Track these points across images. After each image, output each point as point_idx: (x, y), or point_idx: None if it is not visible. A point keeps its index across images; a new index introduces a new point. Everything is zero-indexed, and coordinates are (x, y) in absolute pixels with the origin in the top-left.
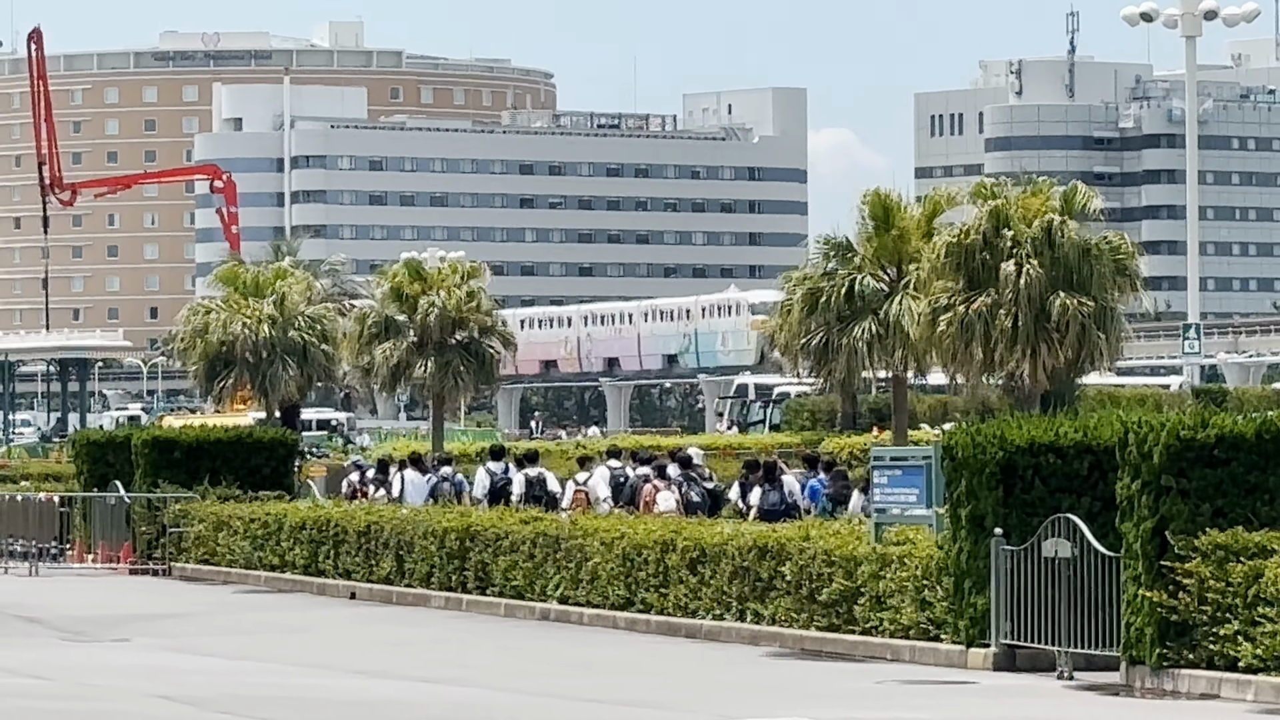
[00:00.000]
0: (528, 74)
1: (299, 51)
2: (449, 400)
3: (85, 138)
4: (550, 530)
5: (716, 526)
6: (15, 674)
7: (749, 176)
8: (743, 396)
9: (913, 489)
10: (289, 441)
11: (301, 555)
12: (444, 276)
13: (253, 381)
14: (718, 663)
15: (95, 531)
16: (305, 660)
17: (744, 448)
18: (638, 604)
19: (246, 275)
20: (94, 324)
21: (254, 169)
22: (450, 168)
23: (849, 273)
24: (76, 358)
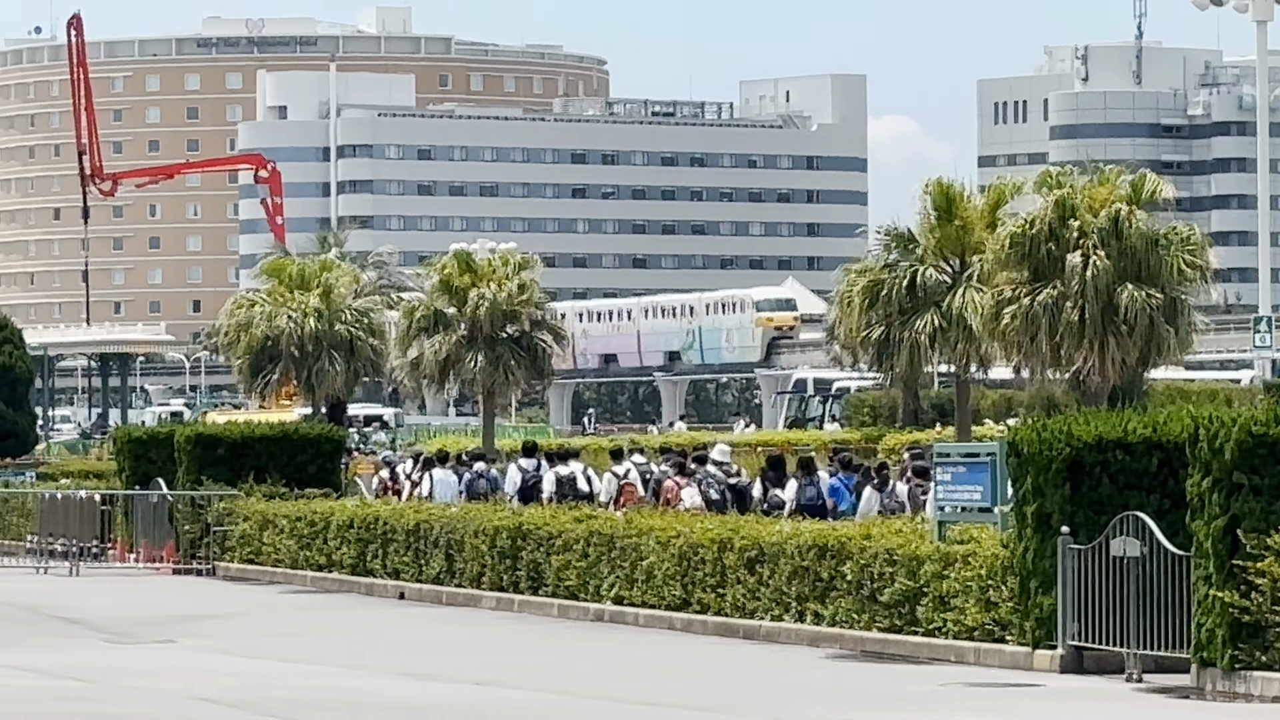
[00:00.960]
0: (580, 60)
1: (345, 38)
2: (499, 396)
3: (126, 126)
4: (604, 529)
5: (775, 525)
6: (56, 676)
7: (807, 166)
8: (801, 392)
9: (977, 486)
10: (335, 438)
11: (349, 555)
12: (494, 268)
13: (298, 376)
14: (776, 665)
15: (137, 530)
16: (353, 662)
17: (802, 444)
18: (694, 604)
19: (292, 267)
20: (135, 318)
21: (299, 158)
22: (500, 157)
23: (911, 264)
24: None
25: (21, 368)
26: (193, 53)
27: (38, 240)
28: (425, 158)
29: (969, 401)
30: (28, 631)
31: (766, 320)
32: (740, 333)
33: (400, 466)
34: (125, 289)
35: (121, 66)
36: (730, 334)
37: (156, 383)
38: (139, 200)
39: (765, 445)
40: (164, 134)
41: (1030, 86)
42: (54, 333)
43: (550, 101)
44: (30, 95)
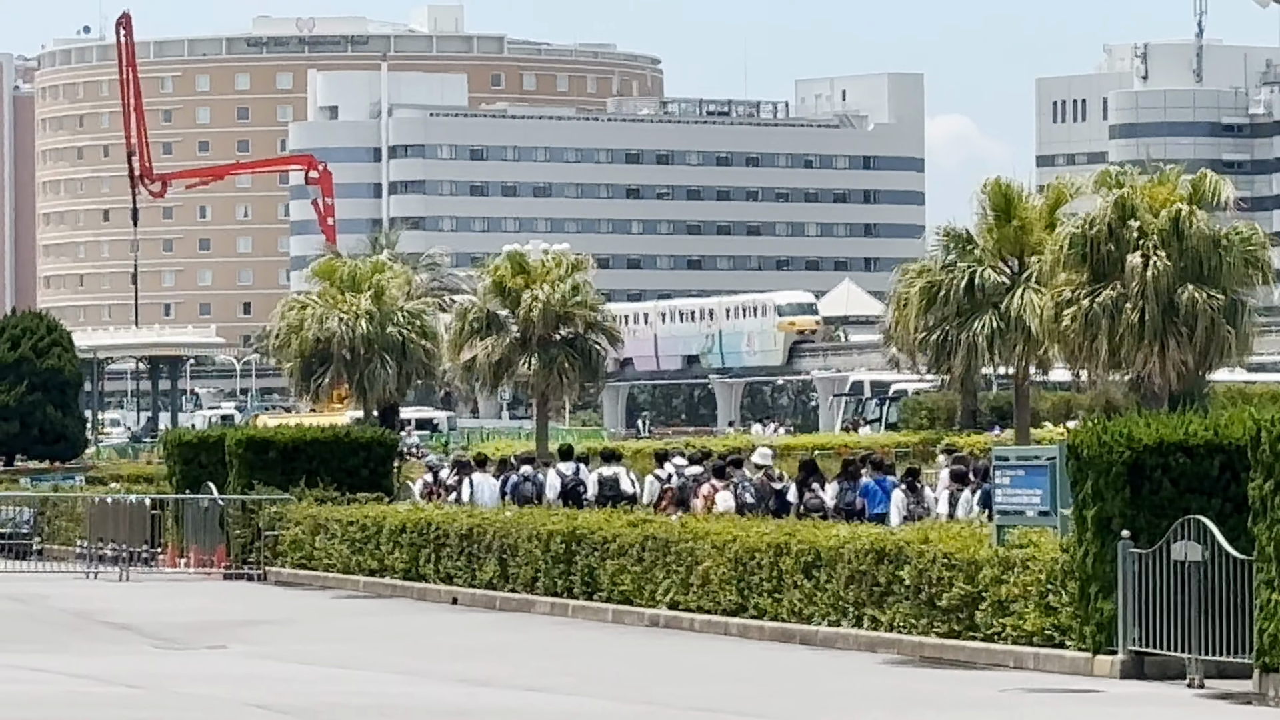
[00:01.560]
0: (634, 59)
1: (397, 37)
2: (553, 399)
3: (176, 127)
4: (660, 533)
5: (832, 529)
6: (107, 683)
7: (864, 165)
8: (858, 394)
9: (1036, 490)
10: (388, 441)
11: (401, 559)
12: (548, 270)
13: (350, 379)
14: (834, 671)
15: (188, 535)
16: (406, 668)
17: (860, 447)
18: (750, 609)
19: (343, 269)
20: (185, 320)
21: (350, 159)
22: (554, 157)
23: (969, 265)
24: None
25: (71, 371)
26: (243, 52)
27: (87, 242)
28: (478, 158)
29: (1028, 404)
30: (78, 637)
31: (789, 324)
32: (762, 336)
33: (444, 471)
34: (175, 291)
35: (171, 66)
36: (751, 338)
37: (206, 386)
38: (189, 201)
39: (820, 448)
40: (214, 134)
41: (1089, 85)
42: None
43: (604, 101)
44: (79, 96)
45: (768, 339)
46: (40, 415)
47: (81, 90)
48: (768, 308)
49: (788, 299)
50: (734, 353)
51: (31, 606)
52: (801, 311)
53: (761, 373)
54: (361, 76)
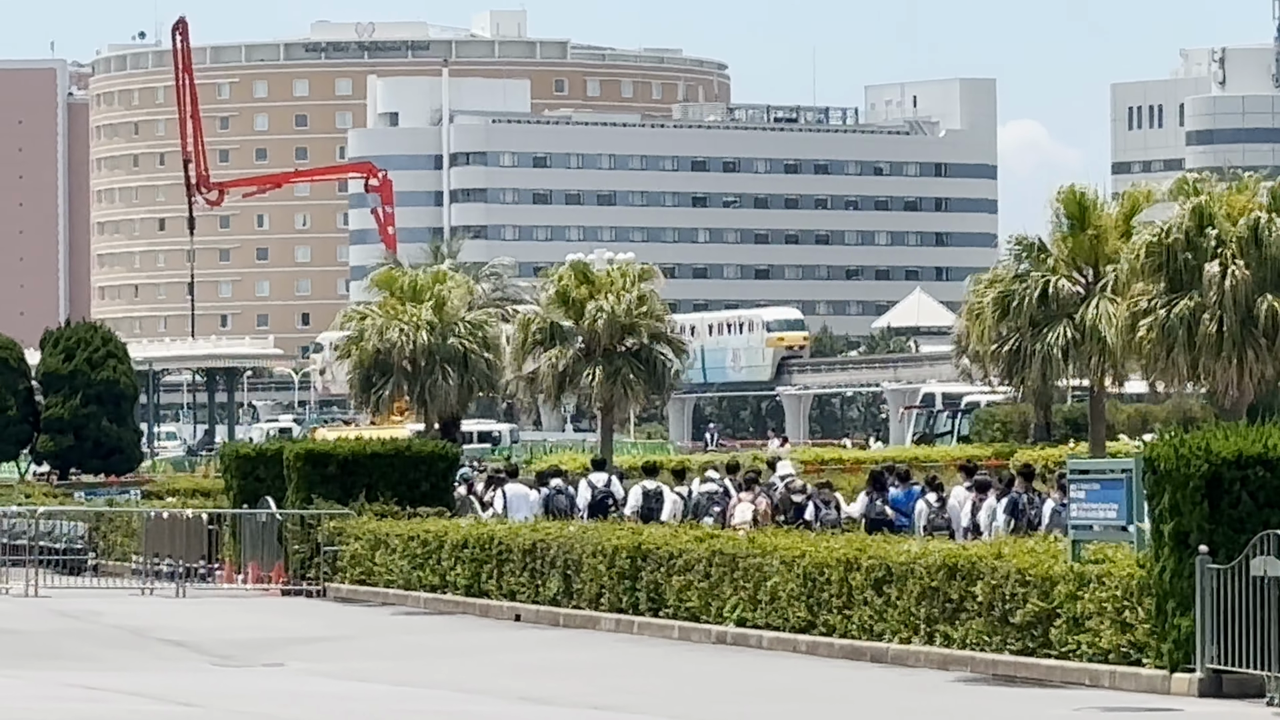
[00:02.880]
0: (700, 65)
1: (458, 42)
2: (618, 411)
3: (233, 134)
4: (727, 549)
5: (903, 544)
6: (163, 700)
7: (935, 173)
8: (929, 406)
9: (1112, 504)
10: (449, 455)
11: (463, 575)
12: (612, 280)
13: (410, 391)
14: (905, 689)
15: (245, 550)
16: (468, 686)
17: (930, 460)
18: (820, 626)
19: (404, 279)
20: (242, 331)
21: (411, 166)
22: (618, 164)
23: (1042, 275)
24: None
25: (126, 383)
26: (301, 58)
27: (142, 252)
28: (540, 165)
29: (1103, 416)
30: (133, 654)
31: (777, 340)
32: (749, 352)
33: (479, 484)
34: (232, 301)
35: (228, 72)
36: (737, 354)
37: (264, 398)
38: (246, 210)
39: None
40: (272, 142)
41: (1165, 91)
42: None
43: (669, 107)
44: (135, 102)
45: (755, 354)
46: (95, 428)
47: (137, 97)
48: (755, 324)
49: (776, 315)
50: (716, 368)
51: (86, 623)
52: (789, 328)
53: (748, 388)
54: (422, 82)
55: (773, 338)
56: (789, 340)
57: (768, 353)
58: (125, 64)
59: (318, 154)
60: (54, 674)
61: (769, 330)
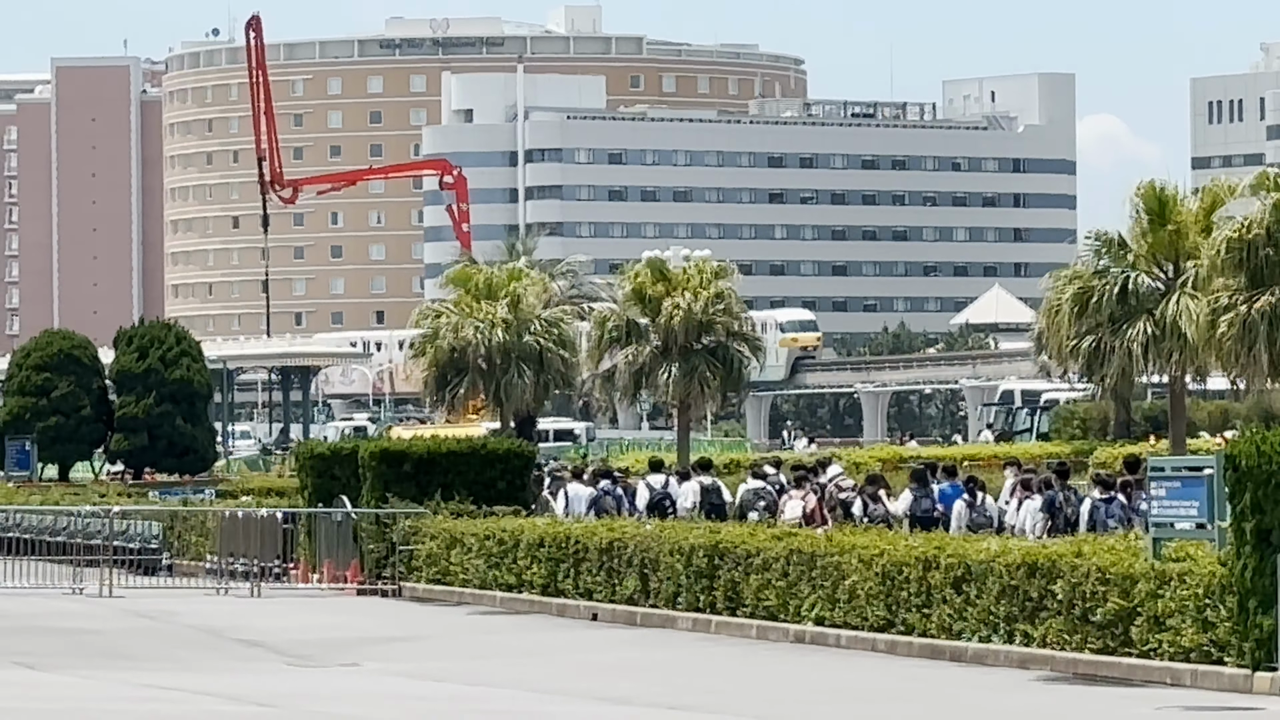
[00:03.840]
0: (777, 60)
1: (533, 38)
2: (694, 408)
3: (307, 131)
4: (805, 547)
5: (982, 543)
6: (239, 701)
7: (1013, 168)
8: (1008, 403)
9: (1193, 501)
10: (525, 453)
11: (539, 574)
12: (689, 277)
13: (486, 390)
14: (984, 688)
15: (320, 549)
16: (544, 686)
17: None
18: (899, 625)
19: (479, 276)
20: (316, 329)
21: (486, 163)
22: (694, 160)
23: (1122, 270)
24: (299, 365)
25: (200, 382)
26: (375, 54)
27: (216, 250)
28: (616, 162)
29: (1184, 413)
30: (209, 655)
31: (791, 340)
32: (763, 353)
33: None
34: (306, 299)
35: (302, 69)
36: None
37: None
38: (320, 207)
39: (971, 459)
40: (346, 139)
41: (1246, 85)
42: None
43: (746, 103)
44: (208, 100)
45: (768, 355)
46: (169, 427)
47: (210, 94)
48: (769, 325)
49: (789, 316)
50: None
51: (161, 624)
52: (803, 329)
53: (760, 388)
54: (497, 79)
55: (786, 338)
56: (802, 341)
57: (781, 353)
58: (199, 61)
59: (392, 151)
60: (129, 674)
61: (783, 331)
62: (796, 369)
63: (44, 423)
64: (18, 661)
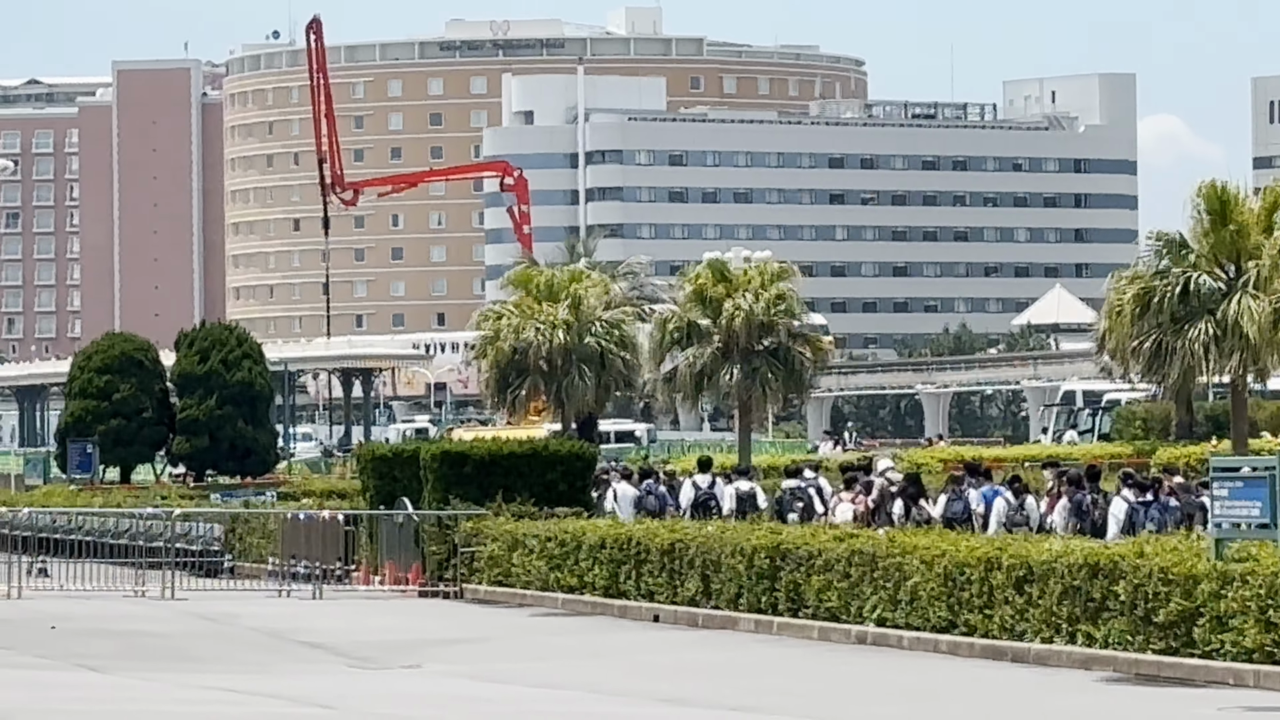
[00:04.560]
0: (837, 61)
1: (593, 40)
2: (756, 410)
3: (367, 133)
4: (866, 548)
5: (1044, 543)
6: (300, 703)
7: (1074, 169)
8: (1069, 404)
9: (1255, 502)
10: (587, 455)
11: (601, 576)
12: (750, 278)
13: (547, 391)
14: (1046, 689)
15: (382, 551)
16: (606, 687)
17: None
18: (960, 626)
19: (540, 278)
20: (377, 331)
21: (546, 165)
22: (755, 162)
23: (1183, 271)
24: (360, 367)
25: (261, 384)
26: (436, 56)
27: (277, 252)
28: (677, 163)
29: (1246, 413)
30: (271, 657)
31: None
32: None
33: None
34: (367, 301)
35: (362, 71)
36: None
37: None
38: (381, 210)
39: (1031, 460)
40: (406, 141)
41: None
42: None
43: (806, 104)
44: (269, 102)
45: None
46: (230, 429)
47: (271, 96)
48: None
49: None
50: None
51: (223, 626)
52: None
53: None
54: (557, 80)
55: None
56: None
57: None
58: (259, 64)
59: (452, 153)
60: (191, 676)
61: None
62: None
63: (106, 425)
64: (80, 664)
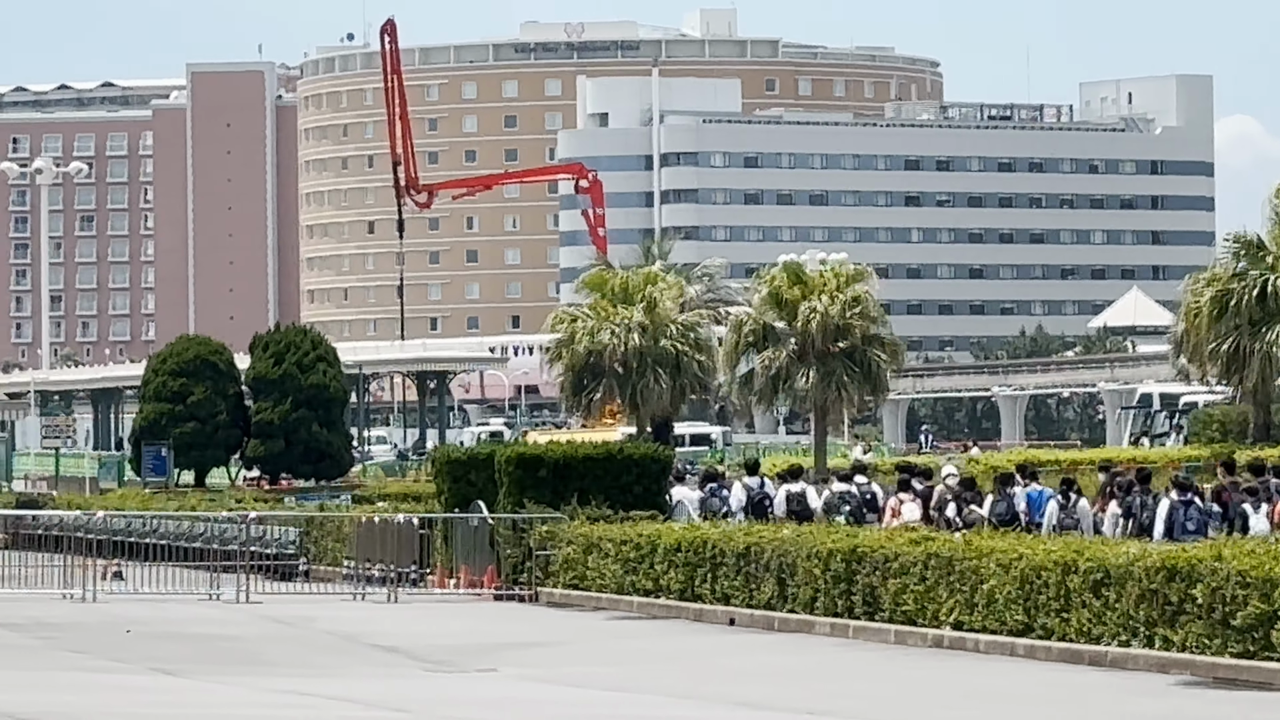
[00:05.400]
0: (913, 63)
1: (668, 41)
2: (831, 413)
3: (442, 136)
4: (943, 551)
5: (1121, 547)
6: (374, 707)
7: (1151, 170)
8: (1146, 407)
9: None
10: (662, 458)
11: (677, 579)
12: (825, 281)
13: (622, 394)
14: (1123, 693)
15: (457, 555)
16: (681, 691)
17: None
18: (1037, 630)
19: (614, 281)
20: (452, 333)
21: (621, 167)
22: (830, 164)
23: (1261, 273)
24: (435, 370)
25: (336, 387)
26: (510, 59)
27: (351, 255)
28: (752, 165)
29: None
30: (346, 660)
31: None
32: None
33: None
34: (442, 304)
35: (437, 74)
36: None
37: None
38: (456, 212)
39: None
40: (481, 143)
41: None
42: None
43: (882, 106)
44: (343, 105)
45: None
46: (305, 433)
47: (345, 99)
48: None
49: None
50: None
51: (298, 629)
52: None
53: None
54: (632, 82)
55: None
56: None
57: None
58: (333, 66)
59: (527, 155)
60: (266, 680)
61: None
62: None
63: (180, 429)
64: (155, 667)
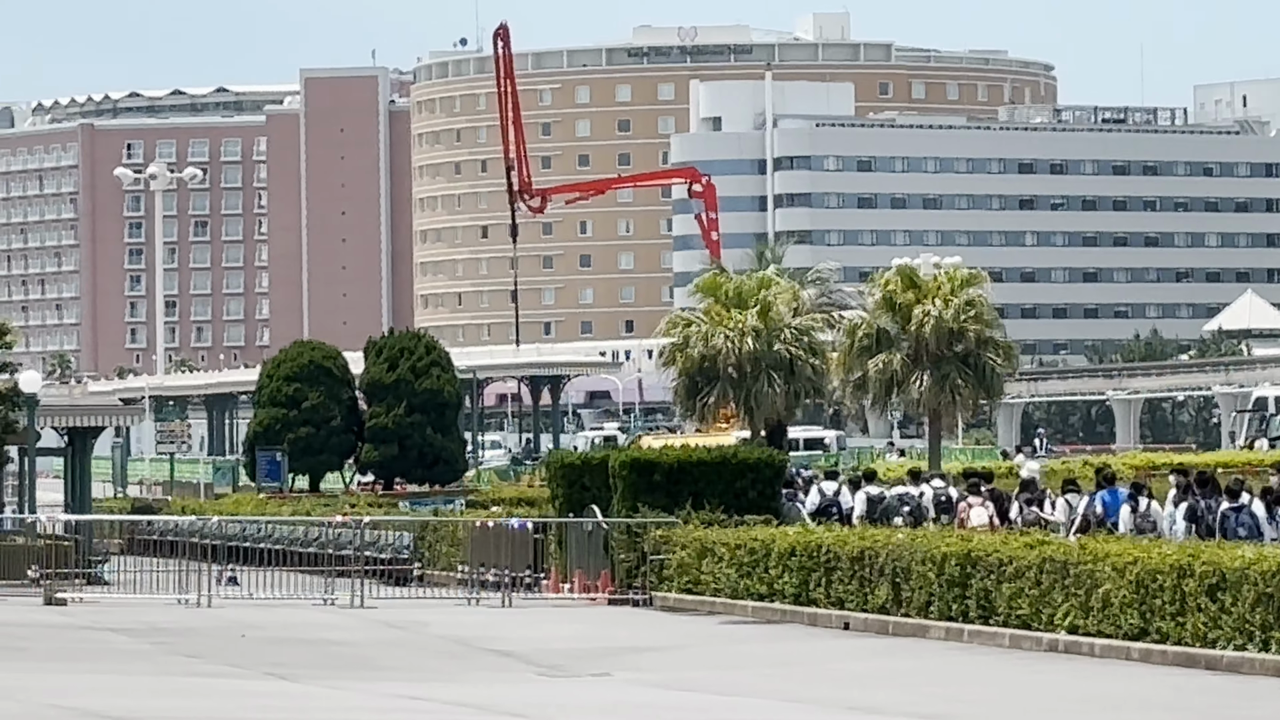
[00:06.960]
0: (1026, 66)
1: (781, 45)
2: (946, 416)
3: (555, 140)
4: (1058, 555)
5: (1237, 550)
6: (489, 711)
7: (1266, 173)
8: (1262, 410)
9: None
10: (776, 462)
11: (791, 584)
12: (939, 284)
13: (736, 398)
14: (1241, 698)
15: (571, 559)
16: (797, 695)
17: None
18: (1152, 633)
19: (728, 285)
20: (566, 338)
21: (734, 171)
22: (944, 167)
23: None
24: (549, 375)
25: (450, 392)
26: (623, 63)
27: (465, 259)
28: (865, 169)
29: None
30: (461, 665)
31: None
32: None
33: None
34: (555, 309)
35: (550, 78)
36: None
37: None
38: (569, 217)
39: (1225, 466)
40: (594, 148)
41: None
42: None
43: (995, 109)
44: (456, 109)
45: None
46: (419, 437)
47: (458, 104)
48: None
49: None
50: None
51: (412, 634)
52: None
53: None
54: (745, 86)
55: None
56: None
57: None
58: (447, 71)
59: (640, 159)
60: (380, 685)
61: None
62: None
63: (295, 434)
64: (270, 672)
